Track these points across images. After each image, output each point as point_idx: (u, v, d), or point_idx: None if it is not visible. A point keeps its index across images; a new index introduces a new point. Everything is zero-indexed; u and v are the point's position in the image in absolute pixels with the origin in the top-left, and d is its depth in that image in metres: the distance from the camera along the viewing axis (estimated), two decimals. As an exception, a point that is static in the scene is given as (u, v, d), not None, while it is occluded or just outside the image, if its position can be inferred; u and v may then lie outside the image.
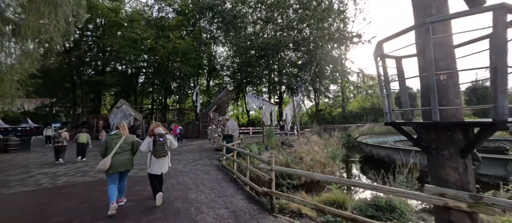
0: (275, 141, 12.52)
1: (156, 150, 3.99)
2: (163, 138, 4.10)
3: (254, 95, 13.39)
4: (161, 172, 4.19)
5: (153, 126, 4.30)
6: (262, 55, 24.66)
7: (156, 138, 4.03)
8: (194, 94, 23.18)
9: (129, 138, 4.16)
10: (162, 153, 4.06)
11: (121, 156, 3.90)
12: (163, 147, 4.06)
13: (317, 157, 9.05)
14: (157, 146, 3.99)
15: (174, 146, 4.53)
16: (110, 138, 3.99)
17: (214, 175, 6.73)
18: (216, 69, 32.15)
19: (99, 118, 25.52)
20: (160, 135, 4.09)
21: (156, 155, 4.01)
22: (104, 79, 23.29)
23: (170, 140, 4.32)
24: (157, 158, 4.03)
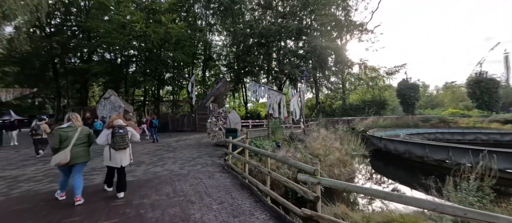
0: (282, 136, 11.29)
1: (115, 142, 3.90)
2: (123, 130, 4.01)
3: (258, 84, 11.98)
4: (121, 165, 4.05)
5: (112, 117, 4.21)
6: (263, 43, 23.01)
7: (115, 130, 3.94)
8: (189, 84, 21.50)
9: (85, 130, 4.02)
10: (122, 145, 3.96)
11: (79, 148, 3.80)
12: (123, 139, 3.98)
13: (337, 154, 7.87)
14: (117, 138, 3.91)
15: (136, 138, 4.44)
16: (63, 131, 3.76)
17: (220, 179, 5.42)
18: (212, 59, 30.29)
19: (86, 110, 23.57)
20: (120, 127, 4.00)
21: (115, 147, 3.90)
22: (90, 67, 21.22)
23: (131, 132, 4.25)
24: (116, 150, 3.93)
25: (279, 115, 10.62)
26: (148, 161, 7.59)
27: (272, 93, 10.62)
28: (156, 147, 10.94)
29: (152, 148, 10.46)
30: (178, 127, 21.98)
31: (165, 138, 15.26)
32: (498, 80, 26.87)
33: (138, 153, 9.25)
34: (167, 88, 34.38)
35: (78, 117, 4.00)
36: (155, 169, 6.52)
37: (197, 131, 20.98)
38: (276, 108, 10.47)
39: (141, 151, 9.79)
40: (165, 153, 9.21)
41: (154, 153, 9.25)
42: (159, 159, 7.89)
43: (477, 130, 16.48)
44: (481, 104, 26.79)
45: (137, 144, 11.70)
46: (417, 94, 30.29)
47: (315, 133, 12.32)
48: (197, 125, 21.16)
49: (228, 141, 6.54)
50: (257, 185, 4.33)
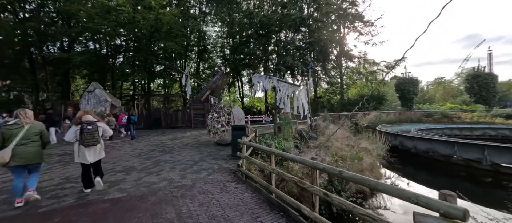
0: (291, 133, 10.12)
1: (83, 139, 3.79)
2: (92, 126, 3.90)
3: (264, 75, 10.69)
4: (92, 161, 3.94)
5: (80, 113, 4.07)
6: (262, 34, 21.56)
7: (84, 126, 3.82)
8: (183, 77, 19.83)
9: (36, 126, 3.66)
10: (91, 142, 3.85)
11: (27, 148, 3.46)
12: (92, 136, 3.87)
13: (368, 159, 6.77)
14: (85, 135, 3.80)
15: (109, 133, 4.33)
16: (7, 128, 3.43)
17: (237, 193, 4.17)
18: (206, 50, 28.49)
19: (68, 104, 21.42)
20: (89, 123, 3.89)
21: (84, 144, 3.80)
22: (70, 56, 19.02)
23: (103, 128, 4.16)
24: (85, 147, 3.82)
25: (292, 111, 9.40)
26: (140, 167, 6.20)
27: (283, 85, 9.37)
28: (149, 147, 9.48)
29: (144, 149, 9.01)
30: (171, 123, 20.37)
31: (159, 135, 13.75)
32: (496, 75, 26.94)
33: (127, 155, 7.80)
34: (158, 82, 32.34)
35: (27, 114, 3.66)
36: (149, 178, 5.16)
37: (193, 127, 19.50)
38: (288, 102, 9.24)
39: (131, 152, 8.33)
40: (161, 154, 7.82)
41: (147, 154, 7.83)
42: (153, 164, 6.51)
43: (486, 126, 16.11)
44: (479, 99, 26.83)
45: (126, 144, 10.20)
46: (416, 89, 30.03)
47: (324, 130, 11.29)
48: (192, 121, 19.66)
49: (243, 143, 5.25)
50: (299, 208, 3.10)
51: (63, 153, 8.24)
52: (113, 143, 10.87)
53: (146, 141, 11.23)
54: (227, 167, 6.17)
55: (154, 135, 14.21)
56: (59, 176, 5.35)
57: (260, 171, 5.67)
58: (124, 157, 7.43)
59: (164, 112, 20.88)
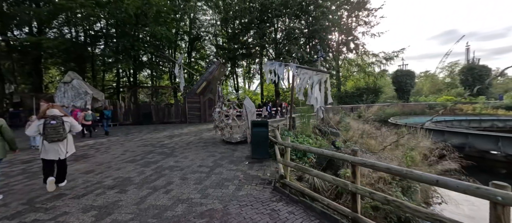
0: (310, 129, 8.85)
1: (47, 134, 3.60)
2: (57, 121, 3.70)
3: (277, 62, 9.24)
4: (59, 157, 3.76)
5: (44, 107, 3.85)
6: (264, 19, 19.79)
7: (47, 121, 3.62)
8: (176, 67, 17.80)
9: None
10: (55, 137, 3.65)
11: None
12: (56, 131, 3.66)
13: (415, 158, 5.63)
14: (49, 130, 3.61)
15: (77, 129, 4.16)
16: None
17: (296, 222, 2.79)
18: (199, 38, 26.22)
19: (41, 98, 18.57)
20: (53, 117, 3.69)
21: (47, 139, 3.62)
22: (39, 41, 16.23)
23: (70, 123, 3.96)
24: (49, 142, 3.64)
25: (317, 102, 8.03)
26: (139, 178, 4.60)
27: (305, 72, 7.98)
28: (144, 147, 7.77)
29: (138, 151, 7.30)
30: (164, 118, 18.41)
31: (152, 132, 11.92)
32: (490, 68, 27.42)
33: (118, 159, 6.10)
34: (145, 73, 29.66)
35: None
36: (156, 199, 3.63)
37: (188, 122, 17.72)
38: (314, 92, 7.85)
39: (122, 155, 6.61)
40: (162, 158, 6.20)
41: (144, 159, 6.17)
42: (156, 173, 4.93)
43: (494, 117, 15.96)
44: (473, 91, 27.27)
45: (115, 145, 8.38)
46: (413, 81, 30.06)
47: (337, 124, 10.16)
48: (187, 116, 17.84)
49: (282, 144, 3.83)
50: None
51: (32, 158, 6.35)
52: (98, 143, 8.98)
53: (139, 140, 9.44)
54: (255, 175, 4.76)
55: (146, 132, 12.35)
56: (18, 199, 3.65)
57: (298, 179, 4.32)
58: (114, 163, 5.74)
59: (155, 106, 18.80)
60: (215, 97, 18.73)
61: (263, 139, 6.16)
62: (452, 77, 50.05)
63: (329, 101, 7.63)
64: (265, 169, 5.17)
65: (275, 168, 5.28)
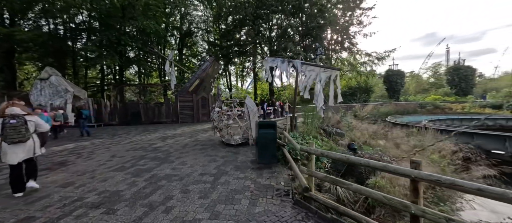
0: (316, 130, 8.41)
1: (5, 135, 3.32)
2: (17, 120, 3.42)
3: (279, 58, 8.68)
4: (18, 161, 3.48)
5: (3, 105, 3.53)
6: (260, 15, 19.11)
7: (6, 120, 3.35)
8: (166, 64, 16.78)
9: None
10: (16, 138, 3.38)
11: None
12: (17, 131, 3.38)
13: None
14: (7, 130, 3.32)
15: (43, 129, 3.85)
16: None
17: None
18: (191, 34, 25.11)
19: (14, 96, 16.85)
20: (13, 116, 3.41)
21: (7, 140, 3.35)
22: (12, 32, 14.60)
23: (35, 123, 3.71)
24: (9, 144, 3.37)
25: (325, 101, 7.59)
26: (130, 192, 3.85)
27: (311, 69, 7.48)
28: (134, 152, 6.92)
29: (127, 155, 6.45)
30: (154, 118, 17.32)
31: (142, 134, 10.96)
32: (475, 68, 28.58)
33: (103, 167, 5.26)
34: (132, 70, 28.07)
35: None
36: (154, 221, 2.93)
37: (180, 122, 16.77)
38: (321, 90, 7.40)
39: (108, 161, 5.75)
40: (155, 165, 5.43)
41: (135, 166, 5.37)
42: (150, 184, 4.19)
43: (484, 116, 16.42)
44: (459, 91, 28.30)
45: (100, 149, 7.44)
46: (402, 81, 30.72)
47: (337, 123, 9.82)
48: (179, 115, 16.87)
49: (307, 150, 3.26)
50: None
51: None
52: (79, 147, 7.98)
53: (128, 143, 8.52)
54: (267, 184, 4.16)
55: (135, 133, 11.36)
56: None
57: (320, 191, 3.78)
58: (99, 172, 4.91)
59: (144, 105, 17.64)
60: (208, 96, 17.93)
61: (270, 142, 5.58)
62: (436, 77, 52.21)
63: (339, 99, 7.19)
64: (276, 177, 4.59)
65: (288, 175, 4.72)
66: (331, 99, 7.36)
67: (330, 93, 7.34)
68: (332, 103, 7.49)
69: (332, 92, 7.30)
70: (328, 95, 7.60)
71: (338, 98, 7.14)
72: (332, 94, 7.33)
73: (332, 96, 7.33)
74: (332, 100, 7.38)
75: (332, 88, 7.27)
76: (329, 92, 7.39)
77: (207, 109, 17.51)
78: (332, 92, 7.30)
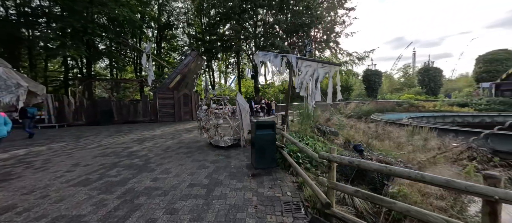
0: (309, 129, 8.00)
1: None
2: None
3: (271, 52, 8.10)
4: None
5: None
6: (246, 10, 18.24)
7: None
8: (143, 57, 15.20)
9: None
10: None
11: None
12: None
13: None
14: None
15: None
16: None
17: None
18: (170, 25, 23.34)
19: None
20: None
21: None
22: None
23: None
24: None
25: (323, 98, 7.22)
26: (96, 216, 2.91)
27: (307, 64, 7.00)
28: (103, 158, 5.77)
29: (94, 164, 5.32)
30: (128, 117, 15.64)
31: (114, 135, 9.56)
32: (442, 69, 31.11)
33: (60, 181, 4.14)
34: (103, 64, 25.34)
35: None
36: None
37: (159, 121, 15.37)
38: (313, 87, 7.00)
39: (68, 172, 4.60)
40: (131, 175, 4.46)
41: (105, 177, 4.34)
42: (124, 202, 3.28)
43: (454, 113, 17.72)
44: (428, 90, 30.58)
45: (59, 156, 6.11)
46: (380, 80, 32.25)
47: (327, 122, 9.62)
48: (158, 114, 15.45)
49: (326, 158, 2.68)
50: None
51: None
52: (31, 153, 6.53)
53: (96, 147, 7.23)
54: (272, 195, 3.53)
55: (106, 135, 9.91)
56: None
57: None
58: (54, 189, 3.82)
59: (117, 103, 15.82)
60: (191, 93, 16.70)
61: (269, 144, 4.96)
62: (406, 77, 56.40)
63: (339, 97, 6.81)
64: (280, 185, 3.98)
65: (292, 182, 4.14)
66: (330, 96, 6.97)
67: (328, 90, 6.93)
68: (331, 101, 7.10)
69: (331, 90, 6.91)
70: (327, 92, 7.20)
71: (338, 95, 6.76)
72: (331, 92, 6.93)
73: (330, 93, 6.94)
74: (330, 98, 6.98)
75: (330, 85, 6.87)
76: (328, 89, 6.98)
77: (190, 107, 16.31)
78: (331, 89, 6.91)
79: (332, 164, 2.66)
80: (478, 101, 20.50)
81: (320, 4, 20.17)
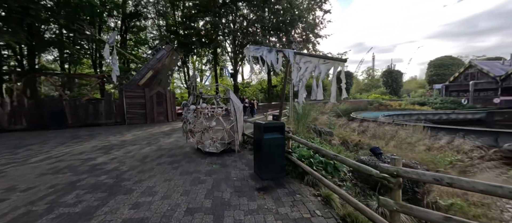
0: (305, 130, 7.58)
1: None
2: None
3: (265, 47, 7.48)
4: None
5: None
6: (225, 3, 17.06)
7: None
8: (105, 48, 13.01)
9: None
10: None
11: None
12: None
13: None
14: None
15: None
16: None
17: None
18: (138, 15, 20.74)
19: None
20: None
21: None
22: None
23: None
24: None
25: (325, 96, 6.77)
26: None
27: (307, 60, 6.48)
28: (55, 177, 4.27)
29: (41, 185, 3.84)
30: (87, 119, 13.19)
31: (69, 143, 7.62)
32: (402, 72, 34.58)
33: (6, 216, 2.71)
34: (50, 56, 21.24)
35: None
36: None
37: (127, 123, 13.32)
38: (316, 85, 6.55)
39: (14, 201, 3.13)
40: (99, 201, 3.22)
41: (56, 206, 3.03)
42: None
43: (418, 112, 19.59)
44: (391, 91, 33.69)
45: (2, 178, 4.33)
46: (352, 81, 34.30)
47: (314, 121, 9.45)
48: (126, 115, 13.38)
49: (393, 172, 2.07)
50: None
51: None
52: None
53: (43, 160, 5.50)
54: (299, 217, 2.81)
55: (57, 142, 7.88)
56: None
57: None
58: None
59: (71, 102, 13.17)
60: (166, 91, 14.94)
61: (278, 150, 4.22)
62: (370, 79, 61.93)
63: (344, 96, 6.42)
64: (302, 200, 3.29)
65: (314, 195, 3.48)
66: (333, 96, 6.55)
67: (332, 88, 6.51)
68: (335, 100, 6.69)
69: (335, 88, 6.49)
70: (329, 91, 6.78)
71: (343, 94, 6.37)
72: (335, 90, 6.51)
73: (334, 91, 6.51)
74: (334, 97, 6.56)
75: (334, 83, 6.45)
76: (332, 87, 6.55)
77: (165, 107, 14.57)
78: (335, 88, 6.49)
79: (398, 180, 2.05)
80: (433, 100, 23.32)
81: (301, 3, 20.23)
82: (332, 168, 4.32)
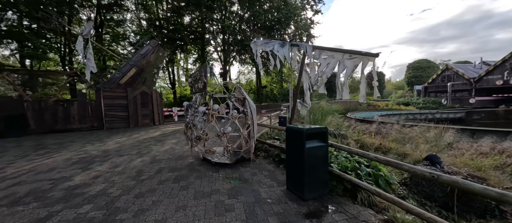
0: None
1: None
2: None
3: (276, 40, 6.68)
4: None
5: None
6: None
7: None
8: (78, 40, 11.24)
9: None
10: None
11: None
12: None
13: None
14: None
15: None
16: None
17: None
18: (116, 5, 18.63)
19: None
20: None
21: None
22: None
23: None
24: None
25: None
26: None
27: (327, 55, 5.78)
28: (9, 208, 2.95)
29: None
30: (55, 124, 11.20)
31: (32, 157, 6.00)
32: (384, 74, 36.14)
33: None
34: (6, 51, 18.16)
35: None
36: None
37: (106, 128, 11.56)
38: (340, 83, 5.90)
39: None
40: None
41: None
42: None
43: (406, 111, 20.25)
44: (368, 93, 35.02)
45: None
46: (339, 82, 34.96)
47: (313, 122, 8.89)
48: (104, 118, 11.61)
49: None
50: None
51: None
52: None
53: (-8, 183, 4.02)
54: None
55: (15, 154, 6.20)
56: None
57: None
58: None
59: (35, 104, 11.04)
60: (152, 91, 13.35)
61: (320, 162, 3.41)
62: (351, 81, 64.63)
63: (376, 94, 5.77)
64: (375, 232, 2.47)
65: (385, 221, 2.69)
66: (362, 94, 5.89)
67: (361, 86, 5.86)
68: (364, 100, 6.04)
69: (364, 86, 5.84)
70: (342, 88, 6.15)
71: (375, 93, 5.73)
72: (364, 89, 5.86)
73: (363, 90, 5.86)
74: (363, 97, 5.91)
75: (363, 81, 5.80)
76: (361, 85, 5.90)
77: (151, 108, 13.00)
78: (364, 86, 5.84)
79: None
80: (416, 101, 24.53)
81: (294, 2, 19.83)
82: (383, 182, 3.60)
